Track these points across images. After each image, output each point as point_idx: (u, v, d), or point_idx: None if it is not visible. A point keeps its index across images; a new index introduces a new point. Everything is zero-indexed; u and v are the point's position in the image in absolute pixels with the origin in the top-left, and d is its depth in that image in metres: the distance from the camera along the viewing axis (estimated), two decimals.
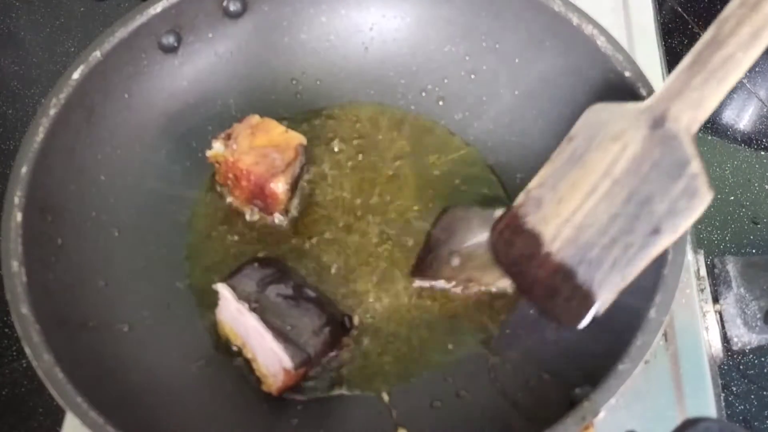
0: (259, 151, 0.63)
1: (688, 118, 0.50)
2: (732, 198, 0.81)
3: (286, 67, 0.70)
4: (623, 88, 0.59)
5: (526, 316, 0.59)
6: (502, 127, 0.68)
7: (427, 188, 0.67)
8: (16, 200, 0.54)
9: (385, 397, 0.58)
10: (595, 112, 0.56)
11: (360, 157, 0.69)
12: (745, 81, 0.89)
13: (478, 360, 0.59)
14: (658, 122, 0.51)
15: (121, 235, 0.61)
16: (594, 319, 0.53)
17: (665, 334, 0.60)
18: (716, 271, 0.62)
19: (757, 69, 0.90)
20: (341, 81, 0.67)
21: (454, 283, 0.61)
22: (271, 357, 0.55)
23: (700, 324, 0.61)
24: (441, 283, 0.62)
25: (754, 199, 0.81)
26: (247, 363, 0.58)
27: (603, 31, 0.60)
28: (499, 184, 0.67)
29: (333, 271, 0.63)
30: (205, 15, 0.66)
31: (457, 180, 0.67)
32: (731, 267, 0.61)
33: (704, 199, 0.48)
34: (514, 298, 0.61)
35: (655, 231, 0.50)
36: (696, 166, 0.49)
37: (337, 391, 0.58)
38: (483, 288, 0.61)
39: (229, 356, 0.59)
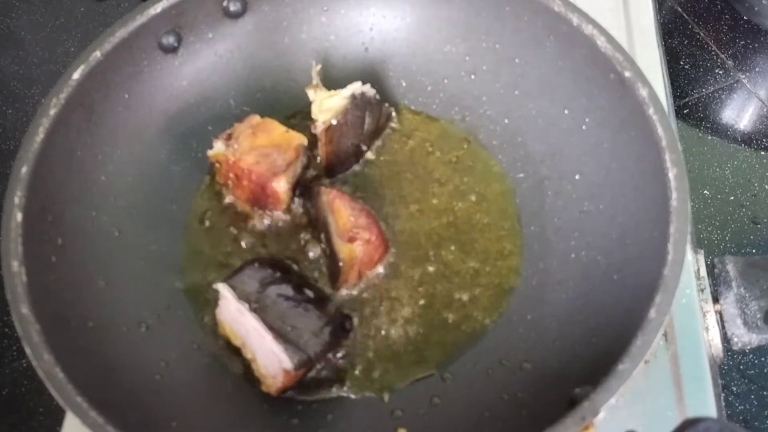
0: (260, 150, 0.63)
1: None
2: (732, 198, 0.81)
3: (286, 67, 0.70)
4: (623, 88, 0.59)
5: (525, 315, 0.60)
6: (502, 127, 0.68)
7: (427, 185, 0.67)
8: (16, 200, 0.54)
9: (386, 396, 0.58)
10: None
11: None
12: (745, 81, 0.89)
13: (477, 359, 0.59)
14: None
15: (121, 235, 0.61)
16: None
17: (665, 334, 0.60)
18: (716, 271, 0.62)
19: (757, 69, 0.90)
20: (341, 81, 0.67)
21: None
22: (271, 357, 0.55)
23: (700, 324, 0.61)
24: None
25: (754, 199, 0.81)
26: (247, 363, 0.58)
27: (603, 31, 0.60)
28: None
29: None
30: (205, 15, 0.66)
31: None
32: (731, 267, 0.61)
33: None
34: (513, 297, 0.61)
35: None
36: None
37: (337, 392, 0.58)
38: None
39: (228, 356, 0.59)
